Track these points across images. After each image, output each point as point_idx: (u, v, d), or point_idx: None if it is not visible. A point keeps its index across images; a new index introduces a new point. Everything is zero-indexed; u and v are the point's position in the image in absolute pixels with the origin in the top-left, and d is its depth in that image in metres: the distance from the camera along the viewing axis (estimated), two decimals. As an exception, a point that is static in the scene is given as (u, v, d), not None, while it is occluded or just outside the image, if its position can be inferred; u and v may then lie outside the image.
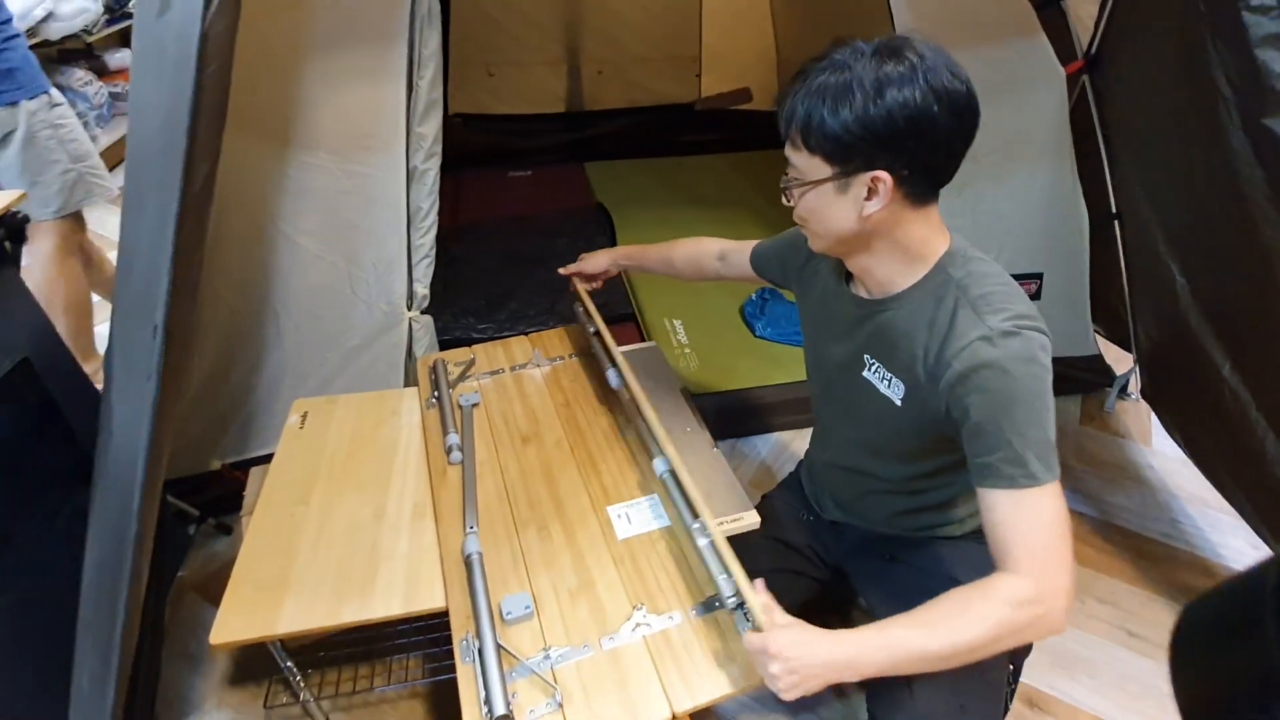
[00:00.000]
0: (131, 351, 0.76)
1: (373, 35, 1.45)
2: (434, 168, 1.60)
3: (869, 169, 0.77)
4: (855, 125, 0.75)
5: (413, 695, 1.28)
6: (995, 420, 0.77)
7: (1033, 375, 0.77)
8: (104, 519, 0.80)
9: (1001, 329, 0.77)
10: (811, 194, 0.82)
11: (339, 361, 1.61)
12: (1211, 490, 1.55)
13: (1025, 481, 0.76)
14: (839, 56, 0.77)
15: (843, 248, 0.88)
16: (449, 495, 1.15)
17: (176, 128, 0.68)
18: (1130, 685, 1.31)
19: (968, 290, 0.81)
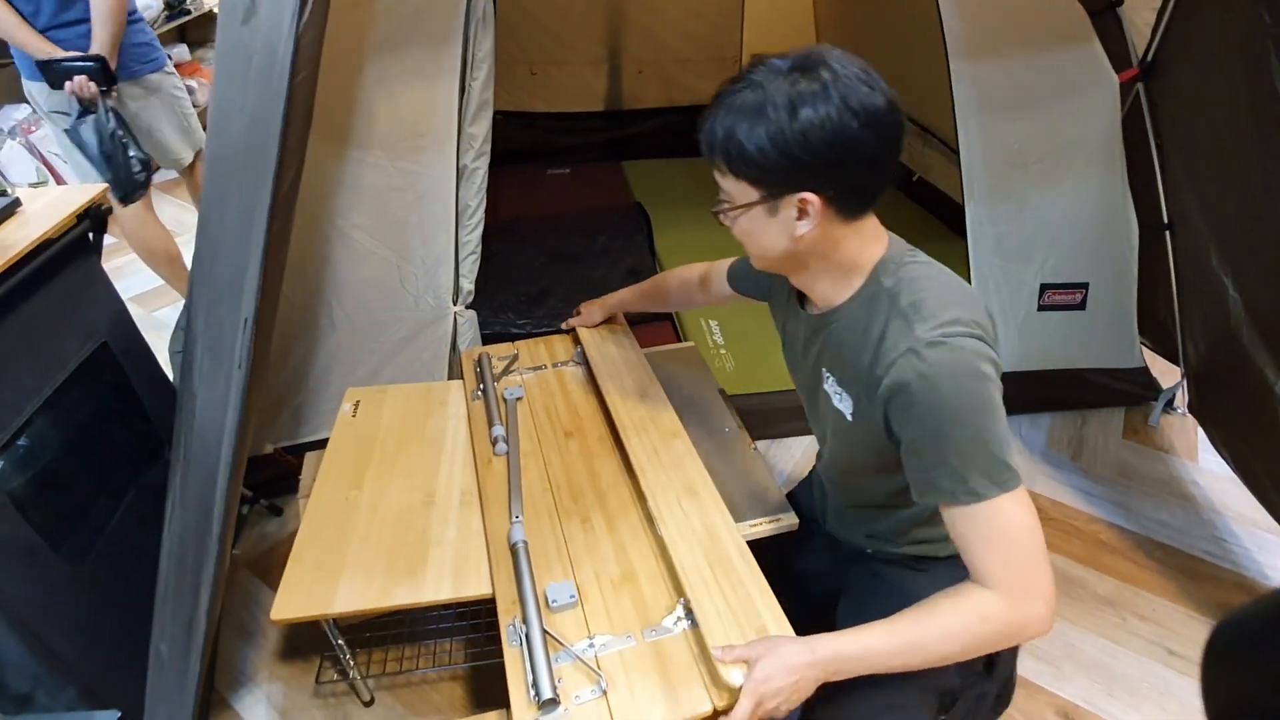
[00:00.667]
0: (218, 339, 0.81)
1: (429, 37, 1.50)
2: (483, 166, 1.65)
3: (794, 191, 0.74)
4: (772, 149, 0.72)
5: (453, 678, 1.33)
6: (930, 438, 0.74)
7: (963, 389, 0.72)
8: (188, 496, 0.85)
9: (928, 339, 0.73)
10: (743, 218, 0.79)
11: (387, 352, 1.67)
12: (1260, 509, 1.51)
13: (967, 498, 0.73)
14: (754, 75, 0.74)
15: (782, 267, 0.86)
16: (495, 485, 1.19)
17: (266, 132, 0.72)
18: (1169, 704, 1.30)
19: (898, 298, 0.78)
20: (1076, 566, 1.54)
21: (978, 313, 0.77)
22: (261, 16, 0.85)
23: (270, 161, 0.71)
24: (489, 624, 1.35)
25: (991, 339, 0.76)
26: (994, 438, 0.73)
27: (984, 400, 0.73)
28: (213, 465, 0.81)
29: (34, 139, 2.85)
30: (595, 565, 1.04)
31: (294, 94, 0.72)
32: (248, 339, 0.75)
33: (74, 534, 1.12)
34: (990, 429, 0.73)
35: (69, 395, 1.12)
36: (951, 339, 0.73)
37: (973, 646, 0.75)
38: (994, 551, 0.74)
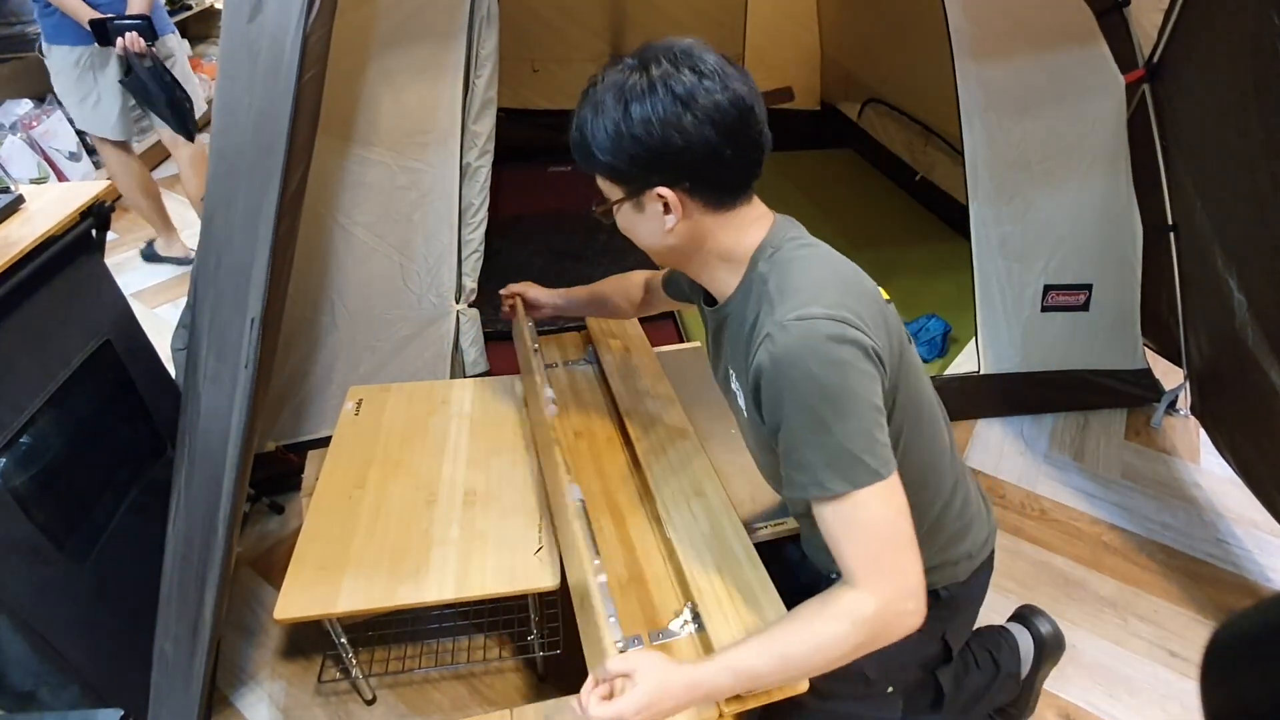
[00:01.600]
0: (223, 339, 0.80)
1: (433, 35, 1.49)
2: (486, 165, 1.64)
3: (649, 186, 0.73)
4: (613, 146, 0.71)
5: (456, 677, 1.33)
6: (782, 426, 0.71)
7: (810, 374, 0.68)
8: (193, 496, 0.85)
9: (782, 322, 0.70)
10: (618, 215, 0.79)
11: (389, 350, 1.66)
12: (1262, 511, 1.52)
13: (817, 491, 0.70)
14: (604, 72, 0.73)
15: (671, 261, 0.84)
16: (546, 457, 1.18)
17: (273, 131, 0.72)
18: (1170, 706, 1.30)
19: (768, 283, 0.75)
20: (1078, 568, 1.54)
21: (846, 294, 0.72)
22: (267, 14, 0.84)
23: (278, 161, 0.71)
24: (490, 624, 1.36)
25: (855, 319, 0.70)
26: (845, 428, 0.68)
27: (834, 387, 0.68)
28: (218, 466, 0.81)
29: (35, 134, 2.84)
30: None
31: (301, 93, 0.72)
32: (255, 339, 0.75)
33: (77, 532, 1.11)
34: (841, 418, 0.68)
35: (72, 393, 1.11)
36: (804, 321, 0.69)
37: (848, 652, 0.71)
38: (855, 546, 0.71)
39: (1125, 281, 1.81)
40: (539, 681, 1.32)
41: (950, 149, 2.54)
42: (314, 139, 0.90)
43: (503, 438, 1.34)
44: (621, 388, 1.32)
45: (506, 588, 1.07)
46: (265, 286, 0.74)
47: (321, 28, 0.74)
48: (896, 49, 2.78)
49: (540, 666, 1.31)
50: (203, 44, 4.09)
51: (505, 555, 1.11)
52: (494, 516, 1.18)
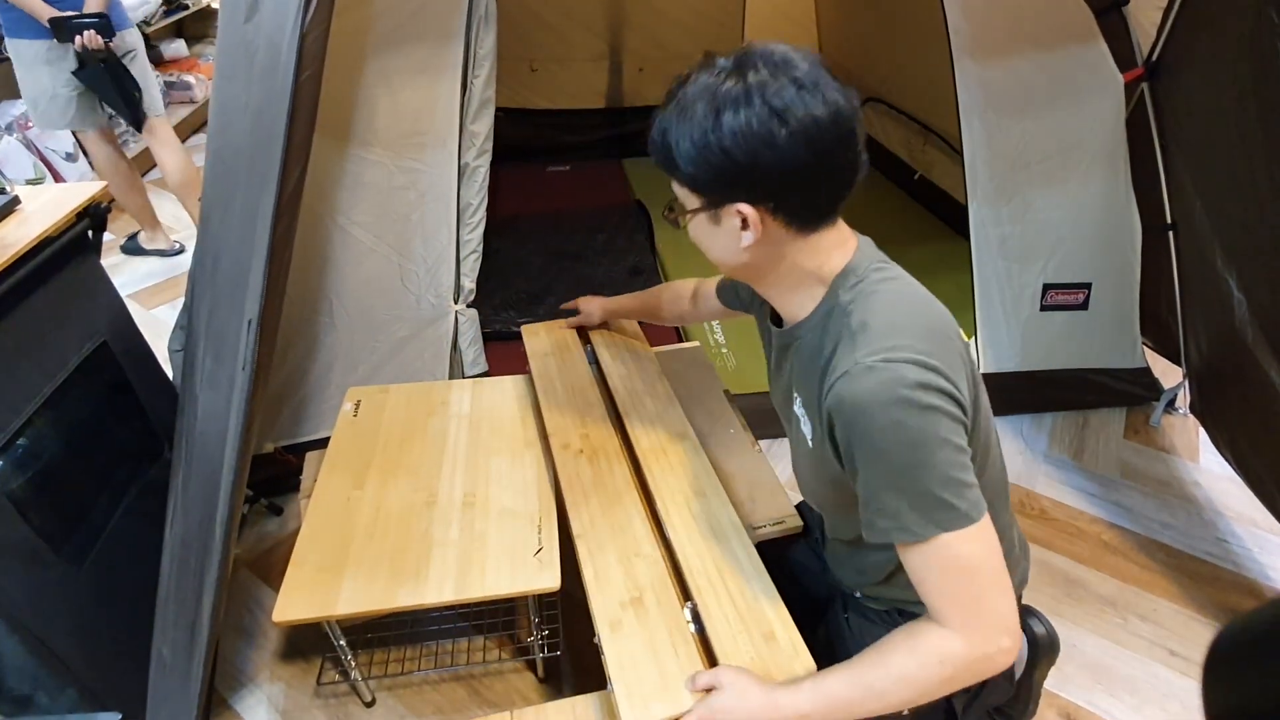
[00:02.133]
0: (221, 341, 0.80)
1: (431, 35, 1.49)
2: (484, 165, 1.64)
3: (729, 201, 0.69)
4: (697, 155, 0.66)
5: (455, 679, 1.32)
6: (864, 469, 0.69)
7: (893, 419, 0.65)
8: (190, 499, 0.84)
9: (865, 363, 0.66)
10: (692, 224, 0.74)
11: (388, 351, 1.66)
12: (1261, 510, 1.52)
13: (903, 536, 0.68)
14: (695, 73, 0.68)
15: (742, 276, 0.80)
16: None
17: (270, 132, 0.72)
18: (1170, 705, 1.30)
19: (850, 317, 0.71)
20: (1078, 567, 1.54)
21: (931, 337, 0.69)
22: (264, 14, 0.84)
23: (275, 162, 0.70)
24: (490, 625, 1.35)
25: (943, 366, 0.67)
26: (930, 474, 0.66)
27: (917, 432, 0.66)
28: (215, 468, 0.80)
29: (31, 134, 2.83)
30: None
31: (298, 93, 0.71)
32: (252, 340, 0.74)
33: (74, 535, 1.11)
34: (925, 463, 0.66)
35: (69, 395, 1.11)
36: (888, 364, 0.66)
37: (934, 689, 0.70)
38: (946, 589, 0.69)
39: (1124, 280, 1.81)
40: (539, 683, 1.32)
41: (949, 148, 2.54)
42: (311, 139, 0.89)
43: (502, 439, 1.33)
44: (620, 388, 1.32)
45: (506, 589, 1.07)
46: (263, 288, 0.73)
47: (318, 27, 0.74)
48: (895, 48, 2.78)
49: (540, 668, 1.31)
50: (199, 44, 4.07)
51: (505, 557, 1.11)
52: (493, 518, 1.17)
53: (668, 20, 3.05)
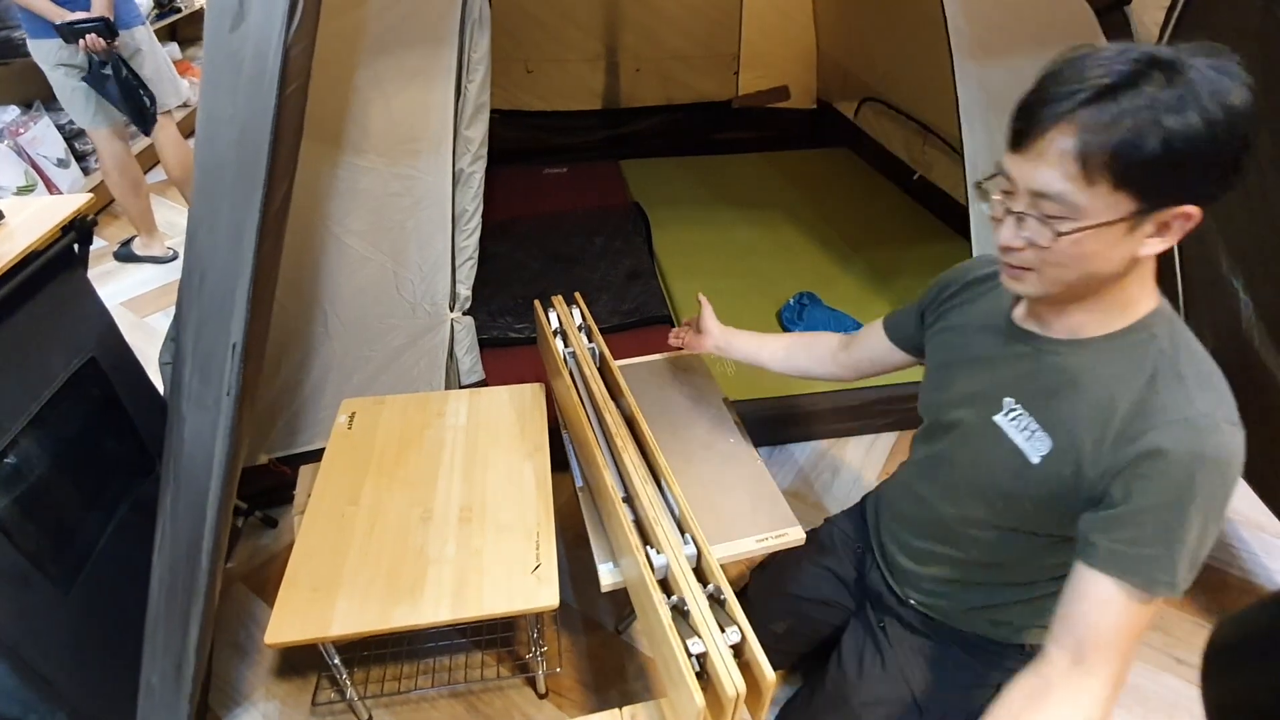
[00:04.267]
0: (207, 362, 0.78)
1: (424, 39, 1.46)
2: (480, 170, 1.61)
3: (1179, 204, 0.64)
4: (1203, 142, 0.60)
5: (453, 696, 1.30)
6: (1165, 514, 0.67)
7: (1219, 482, 0.67)
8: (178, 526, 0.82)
9: (1214, 423, 0.67)
10: (1091, 236, 0.65)
11: (383, 360, 1.64)
12: (1268, 515, 1.50)
13: (1165, 591, 0.68)
14: (1135, 66, 0.61)
15: (1071, 293, 0.73)
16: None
17: (255, 146, 0.69)
18: (1178, 713, 1.28)
19: (1176, 362, 0.70)
20: (1084, 574, 1.53)
21: (1235, 406, 0.71)
22: (250, 24, 0.82)
23: (259, 178, 0.68)
24: (489, 641, 1.33)
25: None
26: (1211, 540, 0.69)
27: (1224, 503, 0.69)
28: (202, 494, 0.78)
29: (22, 141, 2.79)
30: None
31: (284, 108, 0.69)
32: (236, 365, 0.72)
33: (62, 556, 1.09)
34: (1214, 531, 0.69)
35: (55, 412, 1.08)
36: (1235, 428, 0.68)
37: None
38: (1126, 645, 0.70)
39: (1128, 282, 1.79)
40: (539, 699, 1.30)
41: (948, 148, 2.52)
42: (298, 153, 0.87)
43: (499, 451, 1.31)
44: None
45: (504, 608, 1.05)
46: (246, 311, 0.71)
47: (304, 39, 0.72)
48: (894, 47, 2.76)
49: (541, 684, 1.29)
50: (193, 46, 4.04)
51: (502, 573, 1.09)
52: (491, 533, 1.15)
53: (664, 20, 3.02)
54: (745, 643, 0.83)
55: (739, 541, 1.13)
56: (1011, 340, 0.81)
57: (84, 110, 2.29)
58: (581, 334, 1.38)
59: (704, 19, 3.04)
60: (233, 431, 0.74)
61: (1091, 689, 0.69)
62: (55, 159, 2.89)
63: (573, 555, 1.54)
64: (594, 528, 1.16)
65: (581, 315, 1.42)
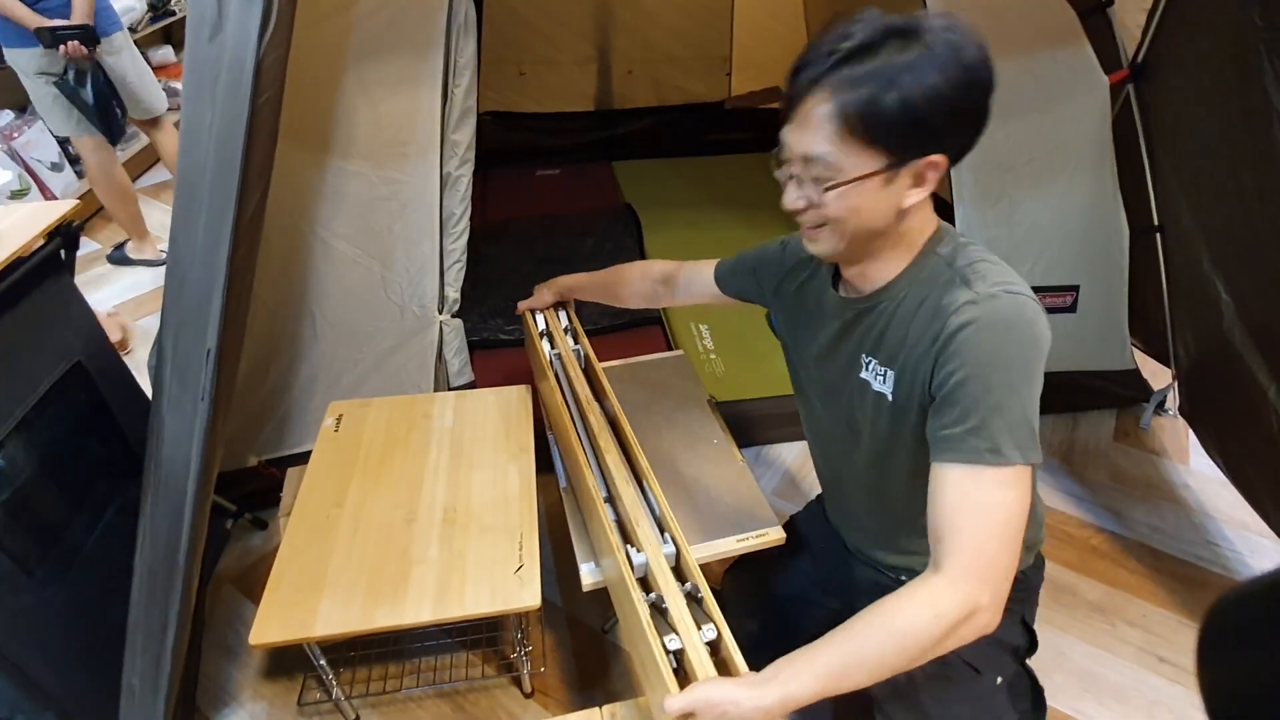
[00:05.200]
0: (185, 366, 0.79)
1: (410, 44, 1.47)
2: (467, 174, 1.62)
3: (925, 154, 0.69)
4: (937, 98, 0.66)
5: (440, 696, 1.31)
6: (968, 385, 0.70)
7: (1016, 340, 0.70)
8: (156, 527, 0.83)
9: (989, 293, 0.72)
10: (851, 191, 0.72)
11: (372, 363, 1.65)
12: (1251, 513, 1.51)
13: (991, 458, 0.69)
14: (875, 34, 0.68)
15: (855, 249, 0.79)
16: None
17: (230, 154, 0.70)
18: (1159, 712, 1.29)
19: (955, 263, 0.76)
20: (1067, 572, 1.54)
21: (1027, 286, 0.75)
22: (228, 33, 0.83)
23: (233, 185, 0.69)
24: (475, 641, 1.34)
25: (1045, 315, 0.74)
26: (1031, 404, 0.71)
27: (1031, 362, 0.71)
28: (180, 498, 0.80)
29: (16, 145, 2.81)
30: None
31: (256, 117, 0.70)
32: (211, 371, 0.73)
33: (49, 557, 1.10)
34: (1030, 393, 0.71)
35: (42, 417, 1.10)
36: (1015, 295, 0.72)
37: (923, 647, 0.69)
38: (978, 528, 0.69)
39: (1112, 282, 1.80)
40: (525, 698, 1.31)
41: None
42: (272, 161, 0.88)
43: (484, 452, 1.32)
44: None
45: (486, 608, 1.06)
46: (220, 317, 0.72)
47: (276, 49, 0.73)
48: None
49: (526, 684, 1.30)
50: (187, 49, 4.05)
51: (485, 574, 1.10)
52: (474, 534, 1.17)
53: (655, 22, 3.03)
54: (721, 640, 0.84)
55: (719, 541, 1.14)
56: (844, 312, 0.88)
57: (65, 120, 2.27)
58: (567, 336, 1.40)
59: (695, 21, 3.05)
60: (207, 435, 0.75)
61: (933, 585, 0.70)
62: (49, 163, 2.90)
63: (560, 556, 1.55)
64: (576, 528, 1.17)
65: (568, 318, 1.44)
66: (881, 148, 0.69)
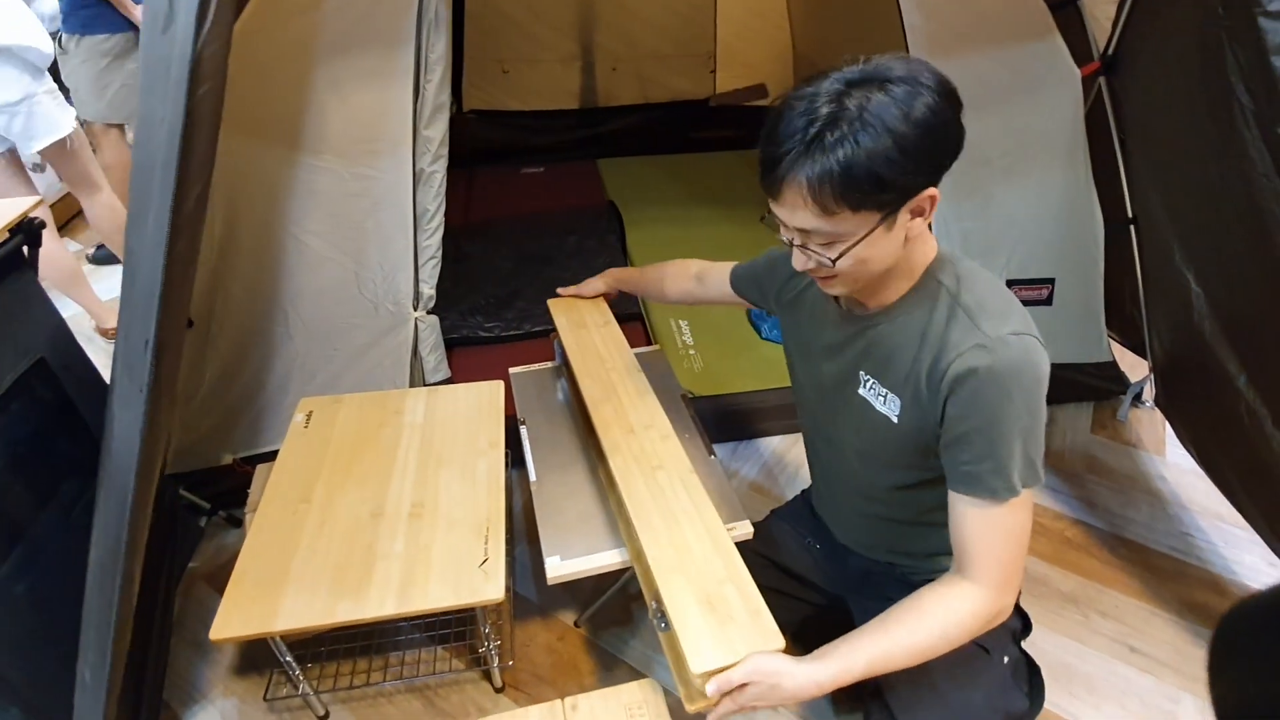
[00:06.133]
0: (131, 359, 0.79)
1: (381, 40, 1.47)
2: (441, 170, 1.62)
3: (919, 192, 0.73)
4: (901, 157, 0.69)
5: (410, 690, 1.31)
6: (984, 430, 0.77)
7: (1024, 387, 0.76)
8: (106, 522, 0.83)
9: (999, 337, 0.76)
10: (860, 248, 0.75)
11: (346, 360, 1.65)
12: (1226, 504, 1.51)
13: (1006, 494, 0.78)
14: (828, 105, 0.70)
15: (869, 286, 0.83)
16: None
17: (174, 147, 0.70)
18: (1129, 702, 1.29)
19: (959, 296, 0.80)
20: (1040, 564, 1.54)
21: (1028, 317, 0.80)
22: (179, 25, 0.83)
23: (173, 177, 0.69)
24: (443, 635, 1.34)
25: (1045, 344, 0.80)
26: (1038, 438, 0.78)
27: (1038, 403, 0.77)
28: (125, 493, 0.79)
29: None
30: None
31: (196, 109, 0.70)
32: (150, 361, 0.73)
33: (14, 554, 1.09)
34: (1036, 427, 0.78)
35: (4, 414, 1.09)
36: (1021, 338, 0.76)
37: (957, 640, 0.81)
38: (1002, 551, 0.80)
39: (1088, 275, 1.80)
40: (496, 693, 1.31)
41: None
42: (214, 154, 0.88)
43: (455, 448, 1.32)
44: (590, 385, 1.29)
45: (450, 601, 1.06)
46: (158, 307, 0.72)
47: (217, 40, 0.72)
48: (865, 47, 2.76)
49: (497, 678, 1.30)
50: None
51: (450, 568, 1.10)
52: (441, 529, 1.16)
53: (639, 19, 3.03)
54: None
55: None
56: (846, 325, 0.92)
57: (123, 105, 2.32)
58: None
59: (678, 18, 3.05)
60: (147, 428, 0.75)
61: (967, 589, 0.81)
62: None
63: (536, 552, 1.55)
64: (544, 521, 1.17)
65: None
66: (870, 208, 0.72)
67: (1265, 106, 1.12)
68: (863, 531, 1.07)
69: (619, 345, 1.38)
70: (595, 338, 1.40)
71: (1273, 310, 1.24)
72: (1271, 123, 1.10)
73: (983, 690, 0.96)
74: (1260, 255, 1.22)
